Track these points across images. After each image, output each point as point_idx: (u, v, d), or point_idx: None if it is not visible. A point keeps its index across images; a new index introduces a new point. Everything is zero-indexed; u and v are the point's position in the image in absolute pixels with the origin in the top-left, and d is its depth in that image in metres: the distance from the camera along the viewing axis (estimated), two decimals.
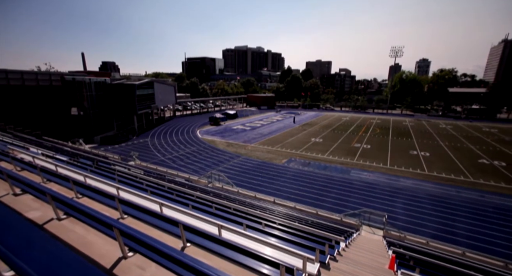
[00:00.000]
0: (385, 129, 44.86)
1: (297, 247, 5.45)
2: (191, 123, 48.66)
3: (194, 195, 9.63)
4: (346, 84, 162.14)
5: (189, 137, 36.11)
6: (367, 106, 79.34)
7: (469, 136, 38.61)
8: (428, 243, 11.72)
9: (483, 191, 18.63)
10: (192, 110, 65.19)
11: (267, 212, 10.60)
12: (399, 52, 72.36)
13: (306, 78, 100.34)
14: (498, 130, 44.42)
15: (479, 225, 14.16)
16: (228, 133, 39.51)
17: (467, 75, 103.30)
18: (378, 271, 6.03)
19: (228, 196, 13.54)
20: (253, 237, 4.69)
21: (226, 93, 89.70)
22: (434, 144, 33.37)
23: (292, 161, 25.72)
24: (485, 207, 16.20)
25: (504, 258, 10.66)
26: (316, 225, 9.91)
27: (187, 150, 29.39)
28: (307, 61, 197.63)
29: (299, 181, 20.34)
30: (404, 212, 15.60)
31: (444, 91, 80.00)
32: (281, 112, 70.17)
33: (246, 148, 30.80)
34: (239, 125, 47.09)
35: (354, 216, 14.06)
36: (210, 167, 23.42)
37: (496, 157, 27.17)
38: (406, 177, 21.45)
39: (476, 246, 12.20)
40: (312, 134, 39.22)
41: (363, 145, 32.31)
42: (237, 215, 7.42)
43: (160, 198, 6.39)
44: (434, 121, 56.36)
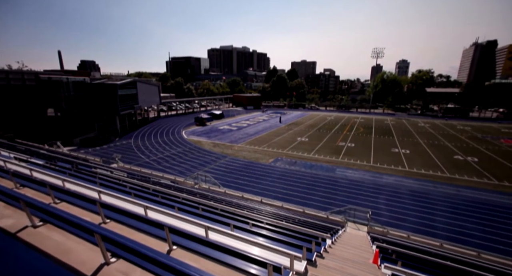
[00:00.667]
0: (368, 128, 46.25)
1: (284, 246, 5.50)
2: (176, 123, 47.78)
3: (180, 197, 9.46)
4: (330, 84, 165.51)
5: (175, 138, 35.44)
6: (351, 106, 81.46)
7: (445, 134, 40.63)
8: (409, 237, 12.21)
9: (459, 186, 19.66)
10: (177, 110, 64.05)
11: (255, 212, 10.61)
12: (380, 53, 74.93)
13: (291, 78, 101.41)
14: (471, 128, 47.08)
15: (455, 218, 14.93)
16: (214, 134, 39.17)
17: (443, 76, 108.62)
18: (363, 266, 6.20)
19: (215, 197, 13.42)
20: (241, 237, 4.67)
21: (211, 93, 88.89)
22: (413, 141, 34.82)
23: (279, 160, 25.91)
24: (460, 201, 17.11)
25: (477, 248, 11.31)
26: (303, 224, 10.04)
27: (172, 151, 28.83)
28: (292, 61, 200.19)
29: (286, 180, 20.52)
30: (387, 208, 16.15)
31: (422, 91, 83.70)
32: (267, 112, 70.49)
33: (233, 148, 30.67)
34: (225, 125, 46.81)
35: (339, 213, 14.38)
36: (196, 168, 23.11)
37: (469, 153, 28.77)
38: (388, 174, 22.22)
39: (452, 237, 12.85)
40: (298, 134, 39.71)
41: (347, 144, 33.12)
42: (224, 216, 7.36)
43: (144, 201, 6.22)
44: (414, 119, 58.79)
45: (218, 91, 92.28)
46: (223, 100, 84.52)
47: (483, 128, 46.37)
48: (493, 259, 10.48)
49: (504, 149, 31.10)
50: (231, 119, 54.96)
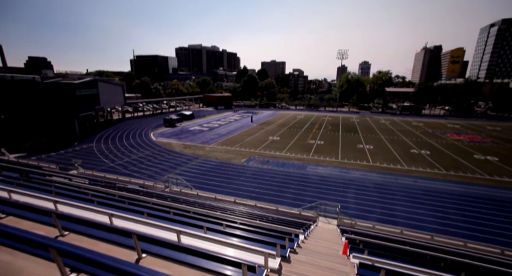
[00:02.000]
0: (336, 125, 48.63)
1: (259, 245, 5.53)
2: (144, 125, 45.43)
3: (149, 202, 9.02)
4: (299, 84, 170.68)
5: (142, 140, 33.67)
6: (319, 105, 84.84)
7: (402, 130, 44.37)
8: (374, 226, 13.11)
9: (415, 177, 21.61)
10: (144, 111, 60.96)
11: (228, 212, 10.52)
12: (344, 54, 79.07)
13: (262, 78, 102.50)
14: (423, 124, 52.05)
15: (412, 206, 16.38)
16: (185, 135, 38.04)
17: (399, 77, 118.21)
18: (334, 257, 6.50)
19: (187, 199, 13.03)
20: (214, 239, 4.60)
21: (181, 93, 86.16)
22: (376, 138, 37.43)
23: (251, 160, 26.04)
24: (416, 190, 18.82)
25: (431, 232, 12.55)
26: (277, 221, 10.22)
27: (140, 154, 27.36)
28: (262, 61, 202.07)
29: (259, 179, 20.70)
30: (354, 201, 17.14)
31: (382, 90, 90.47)
32: (238, 111, 70.37)
33: (204, 149, 30.09)
34: (196, 126, 45.71)
35: (311, 209, 14.90)
36: (166, 171, 22.22)
37: (423, 147, 31.78)
38: (355, 168, 23.59)
39: (411, 224, 14.08)
40: (270, 133, 40.31)
41: (317, 142, 34.46)
42: (197, 219, 7.19)
43: (109, 209, 5.81)
44: (376, 117, 63.20)
45: (188, 91, 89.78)
46: (193, 100, 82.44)
47: (433, 124, 51.57)
48: (444, 240, 11.71)
49: (450, 142, 34.91)
50: (202, 120, 53.85)
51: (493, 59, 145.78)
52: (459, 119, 60.70)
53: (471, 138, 37.79)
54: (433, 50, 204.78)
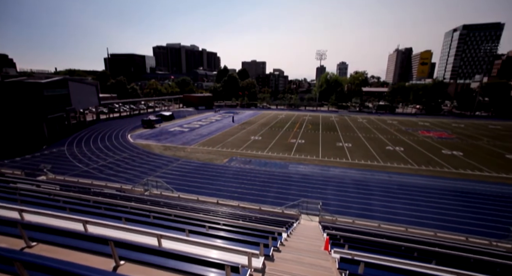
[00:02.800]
0: (316, 124, 49.79)
1: (242, 245, 5.52)
2: (120, 126, 43.54)
3: (128, 207, 8.66)
4: (280, 84, 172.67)
5: (119, 143, 32.26)
6: (300, 104, 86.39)
7: (378, 128, 46.45)
8: (354, 221, 13.60)
9: (391, 172, 22.71)
10: (120, 112, 58.41)
11: (211, 214, 10.40)
12: (323, 55, 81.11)
13: (242, 78, 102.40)
14: (397, 122, 54.87)
15: (388, 200, 17.20)
16: (165, 136, 37.00)
17: (374, 77, 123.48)
18: (316, 253, 6.65)
19: (168, 202, 12.69)
20: (197, 242, 4.53)
21: (159, 93, 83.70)
22: (354, 136, 38.84)
23: (233, 160, 25.92)
24: (392, 185, 19.80)
25: (405, 224, 13.27)
26: (260, 220, 10.26)
27: (117, 157, 26.18)
28: (242, 61, 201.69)
29: (241, 179, 20.66)
30: (334, 197, 17.66)
31: (359, 90, 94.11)
32: (219, 112, 69.73)
33: (185, 150, 29.47)
34: (176, 127, 44.63)
35: (294, 207, 15.13)
36: (146, 173, 21.47)
37: (397, 144, 33.50)
38: (335, 166, 24.31)
39: (387, 218, 14.78)
40: (252, 133, 40.38)
41: (298, 141, 35.06)
42: (178, 222, 7.02)
43: (83, 215, 5.50)
44: (353, 116, 65.57)
45: (167, 91, 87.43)
46: (172, 100, 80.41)
47: (406, 122, 54.54)
48: (417, 231, 12.43)
49: (421, 139, 37.12)
50: (182, 120, 52.69)
51: (456, 61, 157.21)
52: (428, 117, 64.75)
53: (439, 134, 40.46)
54: (404, 52, 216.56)
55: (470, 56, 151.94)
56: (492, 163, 25.31)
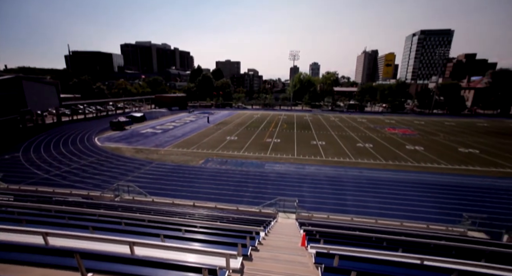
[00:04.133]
0: (291, 124, 50.85)
1: (220, 246, 5.47)
2: (86, 129, 40.66)
3: (96, 214, 8.12)
4: (255, 84, 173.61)
5: (85, 146, 30.09)
6: (275, 104, 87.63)
7: (349, 126, 48.77)
8: (329, 216, 14.13)
9: (361, 168, 23.97)
10: (85, 114, 54.53)
11: (187, 217, 10.14)
12: (296, 55, 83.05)
13: (217, 78, 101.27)
14: (366, 120, 58.08)
15: (359, 194, 18.13)
16: (136, 138, 35.29)
17: (345, 77, 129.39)
18: (293, 250, 6.80)
19: (141, 207, 12.13)
20: (173, 246, 4.39)
21: (129, 93, 79.64)
22: (327, 134, 40.34)
23: (209, 161, 25.54)
24: (363, 180, 20.91)
25: (375, 216, 14.10)
26: (238, 221, 10.23)
27: (82, 162, 24.40)
28: (217, 61, 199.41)
29: (218, 180, 20.42)
30: (310, 194, 18.18)
31: (331, 90, 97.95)
32: (194, 112, 68.21)
33: (159, 152, 28.38)
34: (148, 129, 42.78)
35: (271, 205, 15.31)
36: (116, 178, 20.29)
37: (367, 141, 35.45)
38: (309, 164, 25.03)
39: (359, 211, 15.58)
40: (227, 133, 40.09)
41: (274, 140, 35.53)
42: (153, 227, 6.75)
43: (43, 227, 5.04)
44: (326, 115, 68.08)
45: (137, 92, 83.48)
46: (143, 101, 76.97)
47: (374, 120, 57.95)
48: (385, 222, 13.27)
49: (388, 136, 39.71)
50: (154, 122, 50.66)
51: (416, 64, 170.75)
52: (394, 115, 69.44)
53: (403, 131, 43.61)
54: (371, 54, 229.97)
55: (428, 58, 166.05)
56: (447, 156, 27.87)
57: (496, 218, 13.43)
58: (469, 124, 53.60)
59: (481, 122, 57.28)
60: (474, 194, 18.29)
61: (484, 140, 36.94)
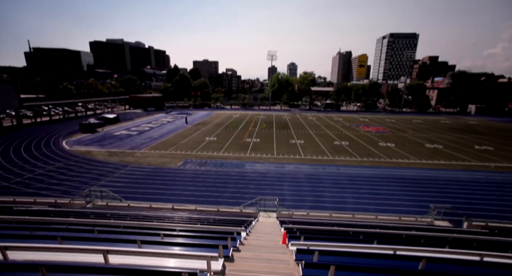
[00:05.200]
0: (270, 123, 51.32)
1: (201, 249, 5.37)
2: (52, 132, 37.86)
3: (65, 223, 7.59)
4: (233, 84, 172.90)
5: (51, 151, 28.00)
6: (254, 104, 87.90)
7: (327, 125, 50.31)
8: (308, 214, 14.46)
9: (338, 165, 24.83)
10: (51, 115, 50.72)
11: (166, 220, 9.84)
12: (274, 56, 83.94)
13: (194, 78, 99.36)
14: (342, 118, 60.31)
15: (337, 191, 18.79)
16: (109, 141, 33.53)
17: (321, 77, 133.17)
18: (275, 248, 6.87)
19: (116, 213, 11.54)
20: (151, 252, 4.23)
21: (101, 93, 75.39)
22: (306, 133, 41.27)
23: (188, 162, 24.99)
24: (340, 177, 21.68)
25: (352, 211, 14.70)
26: (218, 222, 10.12)
27: (49, 167, 22.69)
28: (194, 60, 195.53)
29: (197, 182, 20.04)
30: (290, 192, 18.48)
31: (308, 90, 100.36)
32: (171, 113, 66.34)
33: (135, 155, 27.21)
34: (122, 130, 40.85)
35: (251, 205, 15.33)
36: (87, 183, 19.12)
37: (343, 139, 36.81)
38: (289, 163, 25.43)
39: (337, 207, 16.12)
40: (206, 133, 39.51)
41: (253, 139, 35.62)
42: (129, 233, 6.45)
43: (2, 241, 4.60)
44: (304, 114, 69.61)
45: (110, 92, 79.30)
46: (117, 101, 73.34)
47: (350, 118, 60.35)
48: (361, 216, 13.88)
49: (363, 133, 41.56)
50: (129, 123, 48.49)
51: (386, 65, 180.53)
52: (367, 113, 72.85)
53: (376, 129, 45.91)
54: (345, 55, 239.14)
55: (397, 60, 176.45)
56: (416, 152, 29.81)
57: (458, 207, 14.61)
58: (434, 121, 57.78)
59: (444, 119, 62.04)
60: (439, 186, 19.75)
61: (446, 136, 40.03)
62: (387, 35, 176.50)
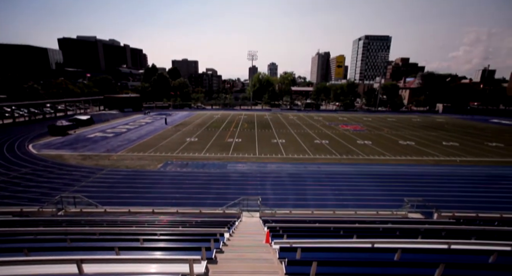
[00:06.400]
0: (251, 123, 51.41)
1: (183, 252, 5.25)
2: (16, 135, 35.12)
3: (32, 233, 7.06)
4: (214, 84, 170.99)
5: (15, 156, 25.95)
6: (235, 104, 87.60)
7: (307, 124, 51.37)
8: (291, 212, 14.67)
9: (319, 163, 25.45)
10: (15, 117, 46.97)
11: (146, 225, 9.51)
12: (254, 55, 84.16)
13: (174, 77, 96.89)
14: (322, 117, 61.91)
15: (318, 188, 19.26)
16: (83, 144, 31.76)
17: (301, 77, 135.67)
18: (258, 247, 6.89)
19: (91, 220, 10.96)
20: (130, 258, 4.08)
21: (72, 94, 71.00)
22: (287, 132, 41.84)
23: (169, 164, 24.35)
24: (321, 175, 22.24)
25: (333, 208, 15.14)
26: (201, 224, 9.97)
27: (13, 174, 21.01)
28: (173, 60, 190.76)
29: (178, 184, 19.60)
30: (272, 191, 18.64)
31: (289, 89, 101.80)
32: (150, 113, 64.22)
33: (111, 158, 26.00)
34: (97, 133, 38.87)
35: (234, 205, 15.25)
36: (59, 190, 17.96)
37: (323, 137, 37.79)
38: (271, 162, 25.64)
39: (318, 204, 16.53)
40: (187, 134, 38.74)
41: (235, 140, 35.49)
42: (105, 240, 6.15)
43: None
44: (285, 113, 70.54)
45: (82, 92, 74.99)
46: (90, 102, 69.58)
47: (329, 117, 62.10)
48: (342, 213, 14.34)
49: (342, 132, 42.96)
50: (105, 125, 46.25)
51: (362, 65, 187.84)
52: (346, 112, 75.42)
53: (354, 127, 47.67)
54: (324, 55, 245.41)
55: (372, 61, 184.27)
56: (391, 149, 31.36)
57: (429, 200, 15.57)
58: (406, 119, 61.13)
59: (415, 117, 65.86)
60: (412, 180, 20.94)
61: (418, 133, 42.54)
62: (362, 37, 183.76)
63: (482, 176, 22.09)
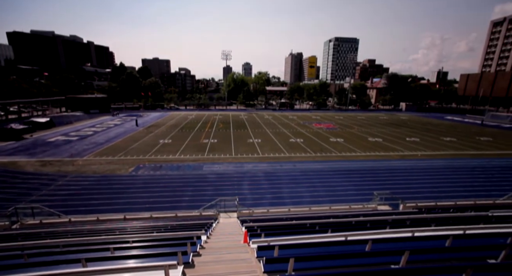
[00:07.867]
0: (227, 123, 51.01)
1: (158, 259, 5.05)
2: None
3: None
4: (187, 83, 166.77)
5: None
6: (210, 104, 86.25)
7: (282, 123, 52.25)
8: (268, 210, 14.82)
9: (294, 161, 26.03)
10: None
11: (117, 232, 8.99)
12: (228, 55, 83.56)
13: (144, 77, 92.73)
14: (296, 117, 63.39)
15: (294, 186, 19.69)
16: (41, 149, 29.08)
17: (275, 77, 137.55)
18: (236, 248, 6.86)
19: (53, 231, 10.08)
20: (98, 270, 3.82)
21: (27, 94, 64.51)
22: (262, 132, 42.16)
23: (141, 167, 23.26)
24: (296, 173, 22.76)
25: (308, 204, 15.58)
26: (177, 228, 9.67)
27: None
28: (143, 59, 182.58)
29: (152, 188, 18.81)
30: (249, 191, 18.68)
31: (264, 89, 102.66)
32: (119, 115, 60.78)
33: (76, 163, 24.15)
34: (58, 136, 35.86)
35: (211, 207, 15.01)
36: (13, 200, 16.23)
37: (298, 136, 38.71)
38: (247, 162, 25.66)
39: (294, 202, 16.91)
40: (160, 136, 37.33)
41: (210, 140, 34.95)
42: (70, 252, 5.70)
43: None
44: (260, 113, 71.04)
45: (40, 92, 68.52)
46: (49, 103, 63.92)
47: (303, 116, 63.79)
48: (316, 209, 14.82)
49: (315, 130, 44.37)
50: (67, 128, 42.81)
51: (333, 66, 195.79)
52: (319, 111, 78.03)
53: (327, 126, 49.51)
54: (297, 56, 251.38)
55: (342, 62, 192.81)
56: (361, 146, 33.10)
57: (396, 192, 16.72)
58: (374, 117, 64.95)
59: (382, 115, 70.25)
60: (381, 174, 22.30)
61: (385, 130, 45.42)
62: (332, 38, 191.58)
63: (439, 168, 24.23)
